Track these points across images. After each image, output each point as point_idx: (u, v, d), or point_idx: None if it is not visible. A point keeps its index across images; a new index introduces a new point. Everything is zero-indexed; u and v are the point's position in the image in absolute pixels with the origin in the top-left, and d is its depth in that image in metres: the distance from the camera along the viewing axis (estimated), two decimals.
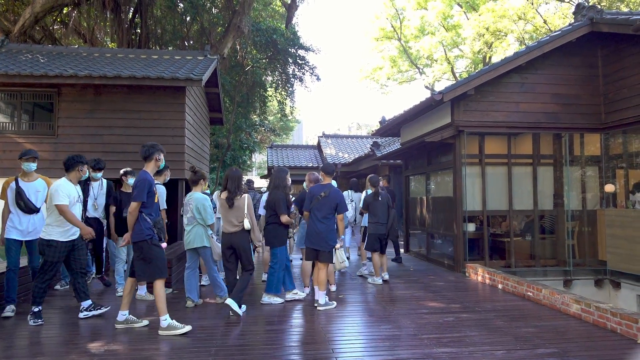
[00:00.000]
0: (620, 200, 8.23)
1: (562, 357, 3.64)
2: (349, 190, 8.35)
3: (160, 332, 4.23)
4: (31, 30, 13.74)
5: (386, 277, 6.95)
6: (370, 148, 16.03)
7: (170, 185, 8.99)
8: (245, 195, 5.14)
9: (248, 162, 26.85)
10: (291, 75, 18.58)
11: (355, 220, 8.21)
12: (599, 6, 7.91)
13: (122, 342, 4.02)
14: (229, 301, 4.77)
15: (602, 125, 8.02)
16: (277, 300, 5.51)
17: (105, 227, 6.24)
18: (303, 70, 18.36)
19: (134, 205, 4.27)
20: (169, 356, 3.68)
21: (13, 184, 5.04)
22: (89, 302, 4.91)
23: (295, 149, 23.97)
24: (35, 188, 5.11)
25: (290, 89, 18.88)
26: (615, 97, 7.75)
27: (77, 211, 4.77)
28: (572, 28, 7.79)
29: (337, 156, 19.88)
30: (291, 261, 7.87)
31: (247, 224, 5.03)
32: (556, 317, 4.86)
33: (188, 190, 7.03)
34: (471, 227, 8.18)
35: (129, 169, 6.16)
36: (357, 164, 17.86)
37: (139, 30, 16.06)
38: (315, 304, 5.28)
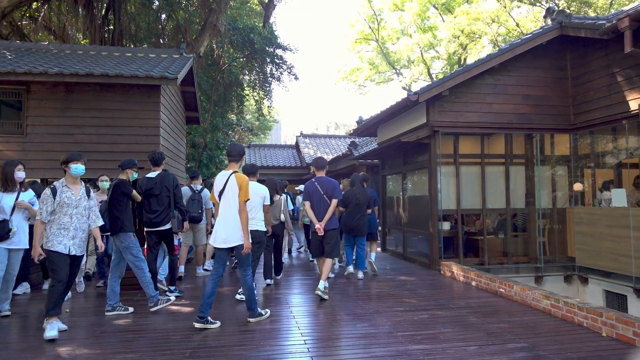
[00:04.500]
0: (588, 198, 8.52)
1: (532, 351, 3.75)
2: None
3: (318, 292, 5.57)
4: None
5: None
6: (348, 148, 16.12)
7: None
8: (282, 197, 6.84)
9: (226, 162, 26.60)
10: (269, 75, 18.47)
11: None
12: (567, 10, 8.16)
13: (94, 346, 3.93)
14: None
15: (571, 126, 8.28)
16: (361, 275, 7.12)
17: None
18: (281, 70, 18.28)
19: (336, 202, 5.84)
20: (141, 359, 3.62)
21: None
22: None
23: (273, 148, 23.90)
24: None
25: (268, 88, 18.76)
26: (583, 98, 8.01)
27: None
28: (542, 31, 8.01)
29: (316, 156, 19.89)
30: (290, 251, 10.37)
31: (283, 218, 6.76)
32: (527, 312, 5.00)
33: None
34: (446, 225, 8.33)
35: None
36: (335, 164, 17.93)
37: (112, 27, 15.71)
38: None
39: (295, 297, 5.85)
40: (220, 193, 4.53)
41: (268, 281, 6.57)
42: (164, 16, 17.57)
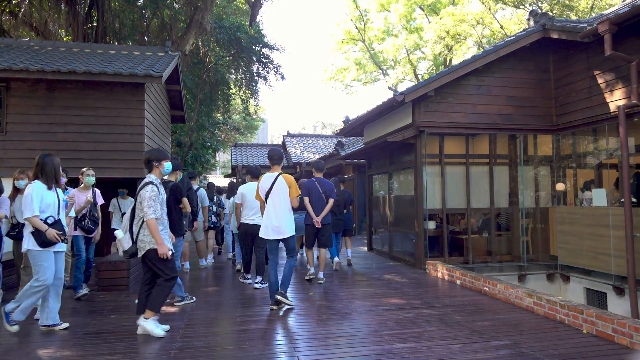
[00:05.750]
0: (570, 198, 8.68)
1: (514, 349, 3.80)
2: None
3: (320, 282, 6.65)
4: None
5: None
6: (335, 147, 16.14)
7: (133, 185, 8.74)
8: None
9: (212, 161, 26.39)
10: (255, 74, 18.37)
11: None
12: (550, 13, 8.30)
13: (76, 348, 3.87)
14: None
15: (553, 127, 8.43)
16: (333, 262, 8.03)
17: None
18: (267, 69, 18.20)
19: (332, 202, 6.69)
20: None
21: None
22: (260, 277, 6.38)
23: (259, 148, 23.80)
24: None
25: (254, 87, 18.67)
26: (565, 100, 8.16)
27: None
28: (526, 33, 8.13)
29: (302, 155, 19.88)
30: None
31: None
32: (510, 310, 5.07)
33: None
34: (431, 224, 8.40)
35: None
36: None
37: (95, 24, 15.45)
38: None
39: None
40: (268, 192, 5.19)
41: (257, 283, 6.42)
42: (148, 13, 17.35)
